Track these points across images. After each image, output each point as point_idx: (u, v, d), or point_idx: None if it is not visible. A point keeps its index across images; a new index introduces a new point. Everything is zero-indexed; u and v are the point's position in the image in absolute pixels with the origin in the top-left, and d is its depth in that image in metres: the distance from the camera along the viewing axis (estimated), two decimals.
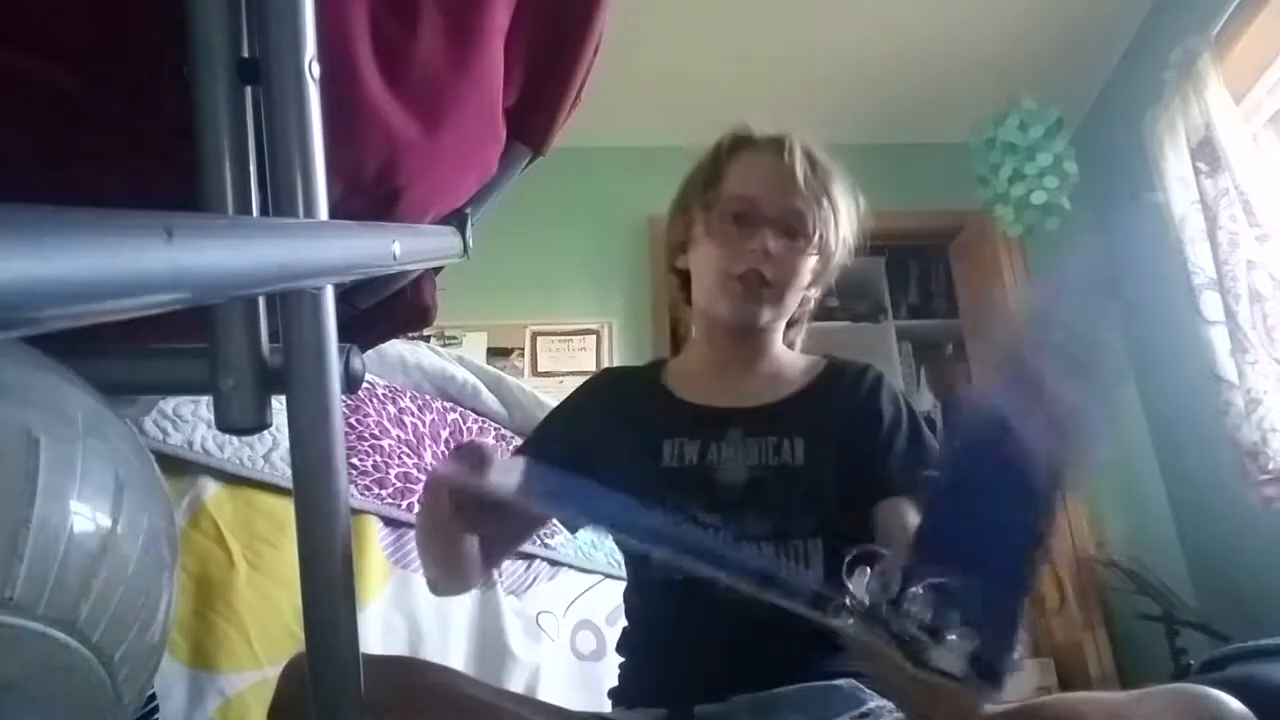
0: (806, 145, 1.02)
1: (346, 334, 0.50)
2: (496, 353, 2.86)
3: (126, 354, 0.53)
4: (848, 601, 0.50)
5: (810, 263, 1.02)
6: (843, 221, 1.03)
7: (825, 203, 1.00)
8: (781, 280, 0.99)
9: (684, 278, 1.08)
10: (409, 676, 0.74)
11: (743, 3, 2.60)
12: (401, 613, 1.29)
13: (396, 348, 1.72)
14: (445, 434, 1.65)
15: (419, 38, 0.56)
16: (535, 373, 2.84)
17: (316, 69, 0.45)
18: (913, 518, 0.84)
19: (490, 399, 1.82)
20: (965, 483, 0.53)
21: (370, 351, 0.74)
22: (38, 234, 0.20)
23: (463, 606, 1.37)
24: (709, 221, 1.01)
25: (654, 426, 0.96)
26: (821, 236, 1.01)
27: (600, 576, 1.68)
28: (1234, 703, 0.59)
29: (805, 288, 1.04)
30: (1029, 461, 0.49)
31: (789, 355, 1.09)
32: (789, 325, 1.09)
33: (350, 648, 0.51)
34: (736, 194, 1.00)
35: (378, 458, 1.47)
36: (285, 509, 1.24)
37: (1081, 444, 0.50)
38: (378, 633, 1.24)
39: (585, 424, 1.02)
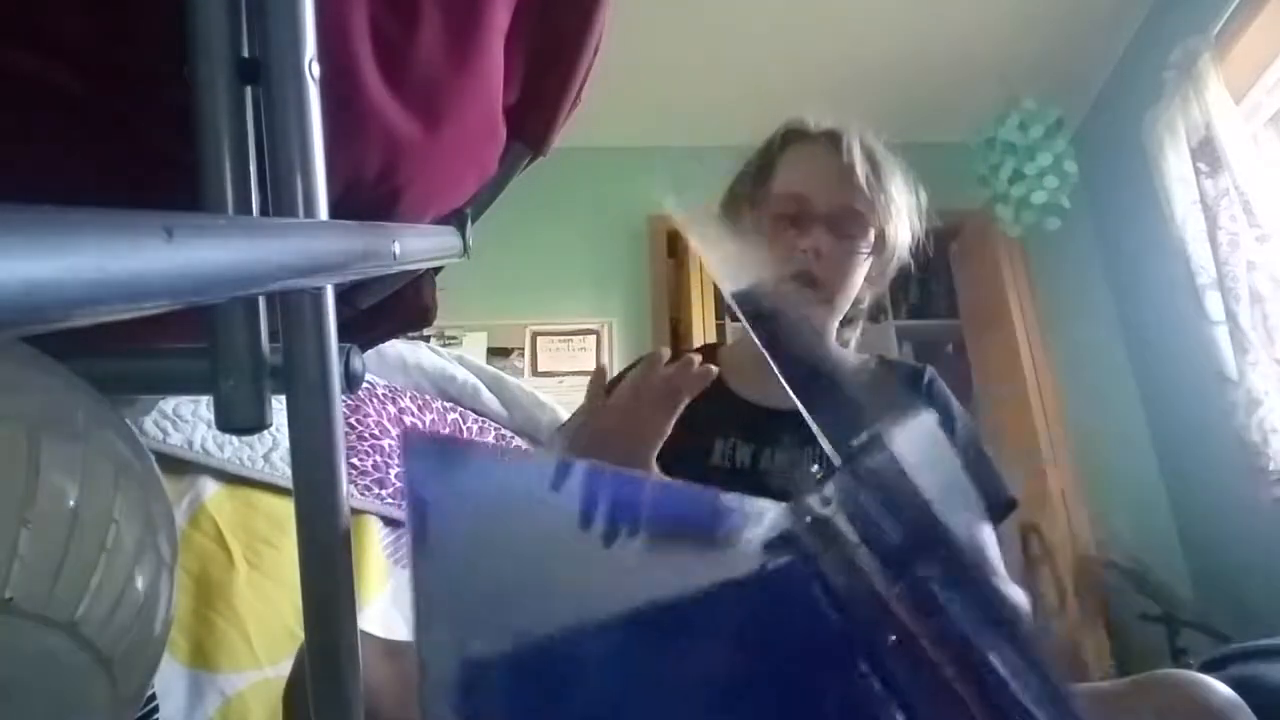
0: (866, 139, 0.97)
1: (346, 334, 0.50)
2: (496, 353, 2.86)
3: (126, 354, 0.53)
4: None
5: (866, 263, 0.96)
6: (902, 218, 0.98)
7: (883, 200, 0.94)
8: (833, 281, 0.93)
9: None
10: (412, 663, 0.73)
11: (742, 3, 2.60)
12: (401, 613, 1.29)
13: (396, 348, 1.72)
14: (445, 434, 1.65)
15: (419, 38, 0.56)
16: (535, 373, 2.84)
17: (316, 69, 0.45)
18: (989, 541, 0.81)
19: (490, 399, 1.82)
20: None
21: (370, 351, 0.74)
22: (38, 234, 0.20)
23: None
24: (758, 220, 0.96)
25: (706, 421, 0.88)
26: (879, 235, 0.95)
27: None
28: (1221, 687, 0.59)
29: (860, 288, 0.98)
30: None
31: (841, 356, 1.03)
32: (843, 324, 1.04)
33: (350, 648, 0.51)
34: (788, 192, 0.95)
35: (378, 458, 1.47)
36: (285, 509, 1.24)
37: None
38: (377, 633, 1.24)
39: None
